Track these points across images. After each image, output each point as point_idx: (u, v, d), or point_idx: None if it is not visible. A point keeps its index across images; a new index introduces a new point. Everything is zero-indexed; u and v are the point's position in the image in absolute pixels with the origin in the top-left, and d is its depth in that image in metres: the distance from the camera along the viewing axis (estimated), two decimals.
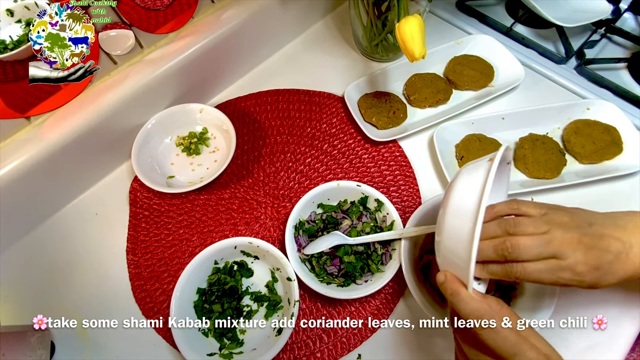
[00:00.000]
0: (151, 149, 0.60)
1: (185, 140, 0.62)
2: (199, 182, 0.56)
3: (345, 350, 0.48)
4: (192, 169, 0.61)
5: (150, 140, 0.60)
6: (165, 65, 0.58)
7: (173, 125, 0.62)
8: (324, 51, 0.73)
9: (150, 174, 0.57)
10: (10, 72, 0.48)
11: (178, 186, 0.57)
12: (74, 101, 0.54)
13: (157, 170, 0.59)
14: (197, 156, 0.62)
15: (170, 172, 0.60)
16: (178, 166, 0.61)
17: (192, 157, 0.62)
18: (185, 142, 0.62)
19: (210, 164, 0.61)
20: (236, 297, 0.50)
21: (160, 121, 0.60)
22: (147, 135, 0.60)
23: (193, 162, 0.61)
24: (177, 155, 0.62)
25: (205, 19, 0.62)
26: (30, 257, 0.55)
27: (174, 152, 0.62)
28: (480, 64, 0.66)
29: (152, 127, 0.60)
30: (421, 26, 0.49)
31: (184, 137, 0.62)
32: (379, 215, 0.54)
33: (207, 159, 0.62)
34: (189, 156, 0.62)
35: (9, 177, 0.50)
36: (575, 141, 0.58)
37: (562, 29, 0.69)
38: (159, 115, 0.60)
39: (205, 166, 0.61)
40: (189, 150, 0.62)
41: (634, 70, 0.67)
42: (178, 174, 0.60)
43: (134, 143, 0.58)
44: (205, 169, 0.61)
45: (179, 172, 0.60)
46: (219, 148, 0.62)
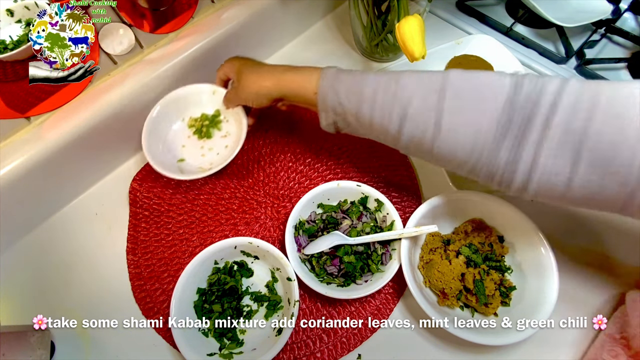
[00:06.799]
0: (161, 132, 0.59)
1: (197, 122, 0.60)
2: (208, 169, 0.54)
3: (345, 350, 0.48)
4: (202, 154, 0.59)
5: (160, 122, 0.58)
6: (165, 65, 0.58)
7: (186, 106, 0.60)
8: (324, 51, 0.73)
9: (162, 159, 0.56)
10: (10, 72, 0.48)
11: (189, 171, 0.56)
12: (74, 101, 0.54)
13: (168, 154, 0.58)
14: (208, 140, 0.60)
15: (180, 155, 0.59)
16: (189, 149, 0.59)
17: (203, 140, 0.60)
18: (197, 124, 0.60)
19: (221, 149, 0.59)
20: (236, 297, 0.50)
21: (172, 101, 0.59)
22: (158, 117, 0.58)
23: (204, 145, 0.59)
24: (188, 138, 0.60)
25: (205, 19, 0.62)
26: (30, 257, 0.55)
27: (185, 134, 0.60)
28: (480, 64, 0.66)
29: (161, 109, 0.58)
30: (421, 26, 0.49)
31: (195, 119, 0.61)
32: (379, 215, 0.54)
33: (218, 143, 0.59)
34: (200, 139, 0.60)
35: (9, 177, 0.50)
36: None
37: (562, 29, 0.69)
38: (170, 97, 0.58)
39: (216, 151, 0.59)
40: (200, 133, 0.60)
41: (634, 70, 0.67)
42: (188, 157, 0.58)
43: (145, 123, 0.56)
44: (216, 154, 0.59)
45: (189, 155, 0.59)
46: (230, 133, 0.60)
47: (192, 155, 0.59)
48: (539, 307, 0.45)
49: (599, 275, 0.51)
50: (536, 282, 0.47)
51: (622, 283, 0.50)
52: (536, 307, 0.45)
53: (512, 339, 0.44)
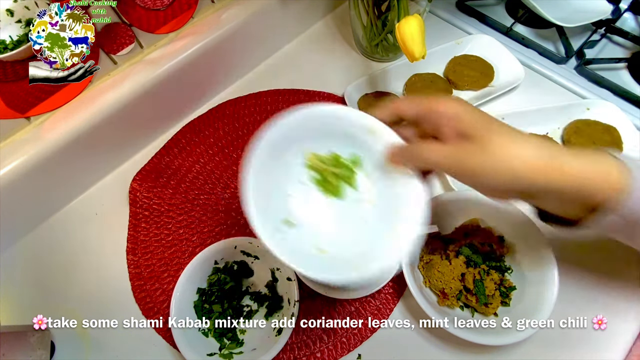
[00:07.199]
0: (270, 166, 0.35)
1: (322, 164, 0.36)
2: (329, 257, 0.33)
3: (345, 350, 0.48)
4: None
5: (274, 151, 0.35)
6: (165, 65, 0.58)
7: (314, 134, 0.36)
8: (324, 51, 0.73)
9: (263, 211, 0.33)
10: (10, 72, 0.48)
11: (296, 251, 0.34)
12: (74, 101, 0.54)
13: (268, 203, 0.34)
14: (335, 199, 0.36)
15: (286, 212, 0.35)
16: (300, 206, 0.36)
17: (327, 195, 0.37)
18: (321, 168, 0.36)
19: (356, 221, 0.36)
20: (236, 297, 0.50)
21: (298, 124, 0.35)
22: (274, 142, 0.34)
23: (328, 206, 0.36)
24: (301, 184, 0.36)
25: (205, 19, 0.62)
26: (30, 257, 0.55)
27: (298, 175, 0.37)
28: (480, 64, 0.66)
29: (281, 132, 0.35)
30: (421, 26, 0.49)
31: (321, 159, 0.36)
32: None
33: (351, 212, 0.36)
34: (324, 192, 0.36)
35: (9, 177, 0.50)
36: (576, 141, 0.58)
37: (562, 29, 0.69)
38: (298, 116, 0.35)
39: (350, 223, 0.36)
40: (325, 184, 0.36)
41: (634, 70, 0.67)
42: (299, 220, 0.35)
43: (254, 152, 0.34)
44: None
45: (300, 216, 0.35)
46: (372, 201, 0.36)
47: (304, 218, 0.36)
48: (539, 307, 0.45)
49: (599, 275, 0.51)
50: (536, 282, 0.47)
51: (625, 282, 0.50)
52: (536, 307, 0.45)
53: (512, 339, 0.44)
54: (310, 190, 0.37)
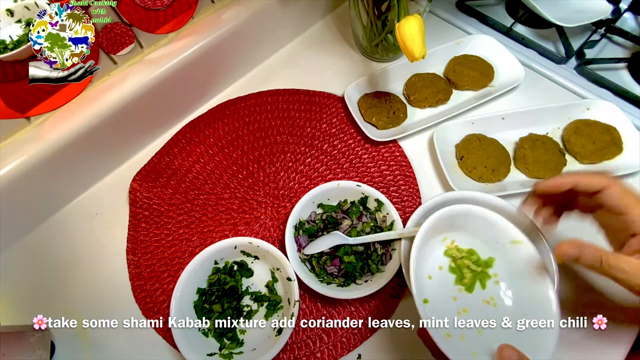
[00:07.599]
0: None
1: (460, 255, 0.38)
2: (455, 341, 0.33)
3: (345, 350, 0.48)
4: (456, 310, 0.37)
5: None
6: (165, 65, 0.58)
7: (460, 224, 0.38)
8: (323, 51, 0.73)
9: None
10: (10, 72, 0.48)
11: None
12: (74, 101, 0.54)
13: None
14: (466, 293, 0.37)
15: (425, 290, 0.38)
16: (436, 289, 0.37)
17: (458, 287, 0.37)
18: (459, 258, 0.38)
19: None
20: (236, 297, 0.50)
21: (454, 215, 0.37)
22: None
23: (460, 299, 0.37)
24: (440, 269, 0.38)
25: (205, 19, 0.62)
26: (30, 257, 0.55)
27: (438, 260, 0.39)
28: (480, 64, 0.66)
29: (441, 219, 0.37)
30: (421, 26, 0.49)
31: (460, 250, 0.38)
32: (379, 215, 0.54)
33: (478, 308, 0.36)
34: (456, 283, 0.37)
35: (9, 177, 0.50)
36: (575, 141, 0.58)
37: (562, 29, 0.69)
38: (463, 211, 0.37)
39: (472, 320, 0.36)
40: (459, 275, 0.37)
41: (634, 70, 0.67)
42: (435, 301, 0.36)
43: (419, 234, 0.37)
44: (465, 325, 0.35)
45: (437, 298, 0.36)
46: (498, 306, 0.37)
47: (440, 301, 0.37)
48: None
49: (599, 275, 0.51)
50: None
51: None
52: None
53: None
54: (445, 276, 0.41)
